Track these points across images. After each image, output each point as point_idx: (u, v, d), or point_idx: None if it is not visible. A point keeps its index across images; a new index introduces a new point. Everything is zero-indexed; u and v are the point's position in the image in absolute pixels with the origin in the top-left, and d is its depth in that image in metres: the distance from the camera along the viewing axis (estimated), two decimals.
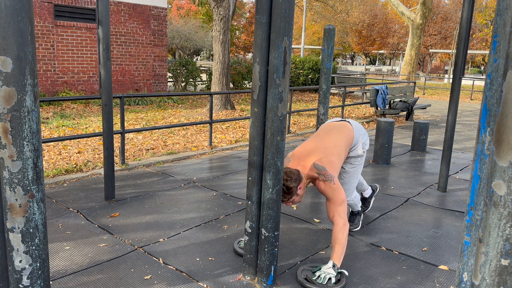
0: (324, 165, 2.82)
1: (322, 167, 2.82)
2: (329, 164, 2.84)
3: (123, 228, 3.50)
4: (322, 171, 2.81)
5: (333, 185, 2.78)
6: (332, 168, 2.83)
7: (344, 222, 2.74)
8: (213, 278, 2.77)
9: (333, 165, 2.84)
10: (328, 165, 2.83)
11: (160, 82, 13.30)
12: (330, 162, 2.85)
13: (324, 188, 2.80)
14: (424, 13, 19.24)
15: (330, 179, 2.79)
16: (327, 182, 2.79)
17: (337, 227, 2.73)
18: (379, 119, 6.06)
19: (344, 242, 2.72)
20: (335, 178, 2.81)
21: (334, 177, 2.80)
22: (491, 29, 2.08)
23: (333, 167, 2.84)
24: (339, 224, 2.73)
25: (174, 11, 32.63)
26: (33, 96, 1.58)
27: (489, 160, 0.90)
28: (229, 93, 10.11)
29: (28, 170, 1.60)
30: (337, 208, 2.76)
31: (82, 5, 11.22)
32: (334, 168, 2.85)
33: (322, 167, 2.82)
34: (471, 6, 4.26)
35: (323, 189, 2.81)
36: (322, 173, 2.80)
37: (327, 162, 2.84)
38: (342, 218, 2.74)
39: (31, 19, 1.54)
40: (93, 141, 6.71)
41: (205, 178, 5.02)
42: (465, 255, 1.21)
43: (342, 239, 2.71)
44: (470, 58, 39.02)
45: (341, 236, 2.71)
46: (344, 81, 15.16)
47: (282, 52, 2.38)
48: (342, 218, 2.75)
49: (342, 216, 2.75)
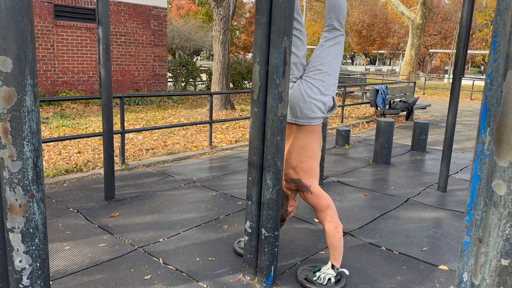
0: (299, 176, 2.76)
1: (298, 179, 2.76)
2: (304, 173, 2.75)
3: (123, 228, 3.50)
4: (299, 184, 2.77)
5: (312, 194, 2.74)
6: (308, 175, 2.74)
7: (335, 225, 2.71)
8: (213, 278, 2.77)
9: (309, 171, 2.75)
10: (303, 174, 2.75)
11: (160, 82, 13.30)
12: (304, 170, 2.75)
13: (305, 198, 2.79)
14: (424, 13, 19.24)
15: (308, 189, 2.74)
16: (306, 193, 2.75)
17: (328, 233, 2.72)
18: (379, 119, 6.06)
19: (338, 245, 2.71)
20: (314, 186, 2.74)
21: (312, 185, 2.74)
22: (491, 29, 2.08)
23: (309, 173, 2.75)
24: (330, 229, 2.71)
25: (174, 11, 32.63)
26: (33, 96, 1.58)
27: (489, 160, 0.90)
28: (229, 93, 10.12)
29: (28, 170, 1.60)
30: (323, 214, 2.73)
31: (82, 5, 11.21)
32: (310, 174, 2.75)
33: (298, 179, 2.76)
34: (471, 6, 4.26)
35: (305, 199, 2.80)
36: (299, 185, 2.77)
37: (301, 170, 2.75)
38: (331, 222, 2.71)
39: (31, 19, 1.54)
40: (93, 141, 6.71)
41: (205, 178, 5.02)
42: (465, 255, 1.21)
43: (335, 243, 2.70)
44: (470, 58, 39.02)
45: (333, 240, 2.70)
46: (344, 81, 15.15)
47: (282, 52, 2.38)
48: (331, 222, 2.71)
49: (330, 220, 2.71)
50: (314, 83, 2.66)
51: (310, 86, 2.67)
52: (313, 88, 2.66)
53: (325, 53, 2.69)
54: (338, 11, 2.67)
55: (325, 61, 2.67)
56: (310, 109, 2.66)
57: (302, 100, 2.65)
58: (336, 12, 2.67)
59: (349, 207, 4.21)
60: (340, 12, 2.68)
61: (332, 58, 2.69)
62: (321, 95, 2.67)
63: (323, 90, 2.67)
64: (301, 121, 2.71)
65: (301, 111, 2.67)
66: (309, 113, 2.67)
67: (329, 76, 2.67)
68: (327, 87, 2.68)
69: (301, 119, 2.70)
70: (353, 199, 4.44)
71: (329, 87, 2.69)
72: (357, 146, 7.23)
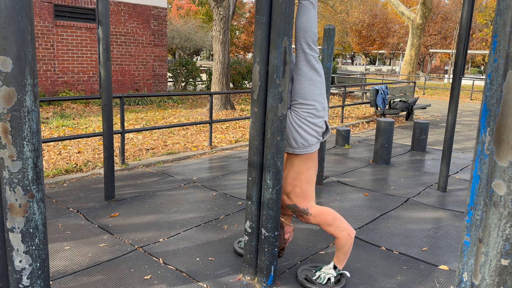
0: (293, 202, 2.73)
1: (293, 205, 2.73)
2: (298, 198, 2.71)
3: (123, 228, 3.50)
4: (295, 209, 2.74)
5: (313, 216, 2.70)
6: (302, 199, 2.71)
7: (348, 232, 2.65)
8: (213, 278, 2.77)
9: (302, 195, 2.71)
10: (297, 199, 2.72)
11: (160, 82, 13.30)
12: (298, 195, 2.71)
13: (306, 221, 2.75)
14: (424, 13, 19.23)
15: (306, 213, 2.71)
16: (305, 216, 2.72)
17: (341, 240, 2.65)
18: (379, 119, 6.06)
19: (347, 250, 2.68)
20: (311, 207, 2.70)
21: (309, 207, 2.70)
22: (491, 29, 2.08)
23: (303, 197, 2.71)
24: (343, 237, 2.65)
25: (174, 11, 32.62)
26: (33, 96, 1.58)
27: (489, 160, 0.90)
28: (229, 93, 10.12)
29: (28, 170, 1.60)
30: (332, 227, 2.66)
31: (82, 5, 11.21)
32: (305, 197, 2.71)
33: (293, 205, 2.73)
34: (471, 6, 4.26)
35: (307, 221, 2.76)
36: (296, 211, 2.75)
37: (295, 196, 2.72)
38: (343, 231, 2.65)
39: (31, 19, 1.54)
40: (93, 141, 6.71)
41: (205, 178, 5.01)
42: (465, 255, 1.21)
43: (345, 248, 2.67)
44: (470, 58, 39.02)
45: (345, 245, 2.66)
46: (344, 81, 15.15)
47: (282, 52, 2.38)
48: (342, 231, 2.65)
49: (342, 230, 2.65)
50: (301, 113, 2.60)
51: (299, 117, 2.61)
52: (301, 119, 2.60)
53: (300, 84, 2.59)
54: (306, 34, 2.57)
55: (303, 93, 2.58)
56: (304, 139, 2.62)
57: (295, 132, 2.61)
58: (304, 36, 2.57)
59: (349, 207, 4.21)
60: (308, 35, 2.57)
61: (310, 86, 2.58)
62: (311, 124, 2.61)
63: (312, 119, 2.61)
64: (297, 151, 2.67)
65: (296, 142, 2.64)
66: (304, 142, 2.63)
67: (313, 105, 2.59)
68: (316, 114, 2.62)
69: (297, 149, 2.67)
70: (353, 199, 4.43)
71: (318, 113, 2.62)
72: (357, 146, 7.23)
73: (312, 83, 2.58)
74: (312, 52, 2.59)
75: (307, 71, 2.58)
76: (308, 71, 2.58)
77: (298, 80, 2.59)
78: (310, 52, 2.58)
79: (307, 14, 2.57)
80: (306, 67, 2.58)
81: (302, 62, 2.58)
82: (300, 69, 2.58)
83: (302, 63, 2.58)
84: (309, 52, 2.58)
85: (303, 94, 2.58)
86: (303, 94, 2.58)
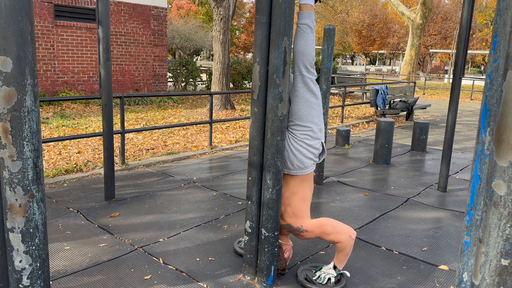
0: (287, 222, 2.74)
1: (288, 225, 2.74)
2: (291, 218, 2.72)
3: (123, 228, 3.50)
4: (290, 229, 2.74)
5: (308, 232, 2.70)
6: (297, 217, 2.71)
7: (348, 234, 2.66)
8: (213, 278, 2.77)
9: (296, 214, 2.71)
10: (290, 219, 2.72)
11: (160, 82, 13.30)
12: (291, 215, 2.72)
13: (304, 238, 2.75)
14: (424, 13, 19.24)
15: (301, 231, 2.71)
16: (301, 233, 2.72)
17: (342, 244, 2.66)
18: (379, 119, 6.06)
19: (348, 251, 2.68)
20: (305, 224, 2.70)
21: (304, 225, 2.70)
22: (491, 29, 2.08)
23: (297, 215, 2.71)
24: (344, 239, 2.65)
25: (174, 11, 32.63)
26: (33, 96, 1.58)
27: (489, 160, 0.90)
28: (229, 93, 10.12)
29: (28, 170, 1.60)
30: (331, 236, 2.67)
31: (82, 5, 11.21)
32: (298, 215, 2.71)
33: (288, 225, 2.74)
34: (471, 6, 4.26)
35: (304, 238, 2.76)
36: (291, 230, 2.75)
37: (288, 216, 2.73)
38: (343, 234, 2.65)
39: (31, 19, 1.54)
40: (93, 141, 6.71)
41: (205, 178, 5.02)
42: (465, 255, 1.21)
43: (346, 250, 2.67)
44: (470, 58, 39.02)
45: (346, 246, 2.66)
46: (344, 81, 15.15)
47: (282, 52, 2.38)
48: (343, 234, 2.65)
49: (342, 233, 2.66)
50: (298, 135, 2.62)
51: (296, 139, 2.63)
52: (298, 141, 2.62)
53: (297, 106, 2.61)
54: (304, 57, 2.60)
55: (300, 115, 2.61)
56: (300, 162, 2.64)
57: (291, 154, 2.63)
58: (302, 59, 2.60)
59: (349, 207, 4.21)
60: (306, 58, 2.60)
61: (307, 108, 2.61)
62: (308, 146, 2.62)
63: (309, 141, 2.62)
64: (293, 172, 2.68)
65: (292, 164, 2.65)
66: (300, 164, 2.64)
67: (310, 127, 2.62)
68: (313, 136, 2.63)
69: (293, 171, 2.68)
70: (353, 199, 4.44)
71: (314, 134, 2.64)
72: (357, 146, 7.23)
73: (309, 105, 2.61)
74: (310, 75, 2.62)
75: (304, 93, 2.61)
76: (305, 93, 2.61)
77: (295, 102, 2.62)
78: (308, 74, 2.62)
79: (305, 38, 2.60)
80: (303, 90, 2.61)
81: (299, 84, 2.61)
82: (298, 91, 2.62)
83: (300, 85, 2.61)
84: (306, 75, 2.61)
85: (300, 116, 2.61)
86: (300, 116, 2.61)
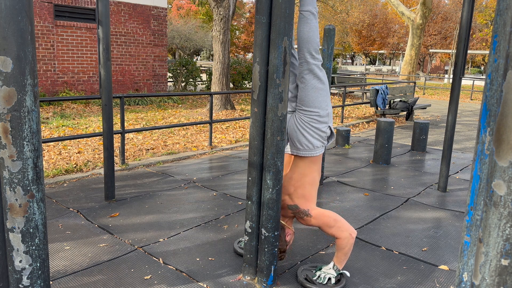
0: (295, 202, 2.74)
1: (294, 206, 2.74)
2: (299, 199, 2.73)
3: (123, 228, 3.50)
4: (296, 210, 2.74)
5: (313, 217, 2.70)
6: (305, 200, 2.72)
7: (349, 232, 2.66)
8: (213, 278, 2.77)
9: (305, 196, 2.72)
10: (298, 200, 2.73)
11: (160, 82, 13.30)
12: (300, 196, 2.73)
13: (307, 223, 2.75)
14: (424, 13, 19.24)
15: (306, 214, 2.71)
16: (305, 217, 2.72)
17: (343, 240, 2.66)
18: (379, 119, 6.06)
19: (347, 250, 2.68)
20: (312, 209, 2.71)
21: (310, 209, 2.71)
22: (491, 29, 2.08)
23: (306, 198, 2.72)
24: (344, 237, 2.65)
25: (174, 11, 32.62)
26: (33, 96, 1.58)
27: (489, 160, 0.90)
28: (229, 93, 10.12)
29: (28, 170, 1.60)
30: (333, 229, 2.67)
31: (82, 5, 11.21)
32: (307, 198, 2.73)
33: (294, 206, 2.74)
34: (471, 6, 4.26)
35: (307, 223, 2.76)
36: (296, 212, 2.75)
37: (297, 197, 2.73)
38: (344, 231, 2.65)
39: (31, 19, 1.54)
40: (93, 141, 6.71)
41: (205, 178, 5.02)
42: (465, 255, 1.21)
43: (345, 249, 2.67)
44: (470, 58, 39.02)
45: (346, 245, 2.66)
46: (344, 81, 15.15)
47: (282, 52, 2.38)
48: (343, 231, 2.66)
49: (343, 230, 2.66)
50: (304, 119, 2.65)
51: (302, 122, 2.66)
52: (305, 123, 2.66)
53: (304, 92, 2.64)
54: (309, 44, 2.61)
55: (307, 100, 2.64)
56: (308, 141, 2.66)
57: (300, 134, 2.66)
58: (307, 46, 2.61)
59: (349, 207, 4.21)
60: (311, 45, 2.62)
61: (313, 94, 2.63)
62: (315, 129, 2.65)
63: (315, 124, 2.65)
64: (302, 153, 2.70)
65: (300, 144, 2.67)
66: (308, 144, 2.67)
67: (316, 111, 2.65)
68: (319, 119, 2.66)
69: (302, 151, 2.69)
70: (353, 199, 4.44)
71: (321, 118, 2.66)
72: (357, 146, 7.23)
73: (315, 91, 2.64)
74: (315, 61, 2.63)
75: (310, 80, 2.63)
76: (311, 79, 2.63)
77: (302, 88, 2.65)
78: (313, 61, 2.63)
79: (308, 25, 2.61)
80: (309, 76, 2.63)
81: (305, 71, 2.63)
82: (304, 78, 2.64)
83: (306, 72, 2.63)
84: (311, 62, 2.62)
85: (307, 102, 2.64)
86: (307, 102, 2.64)
